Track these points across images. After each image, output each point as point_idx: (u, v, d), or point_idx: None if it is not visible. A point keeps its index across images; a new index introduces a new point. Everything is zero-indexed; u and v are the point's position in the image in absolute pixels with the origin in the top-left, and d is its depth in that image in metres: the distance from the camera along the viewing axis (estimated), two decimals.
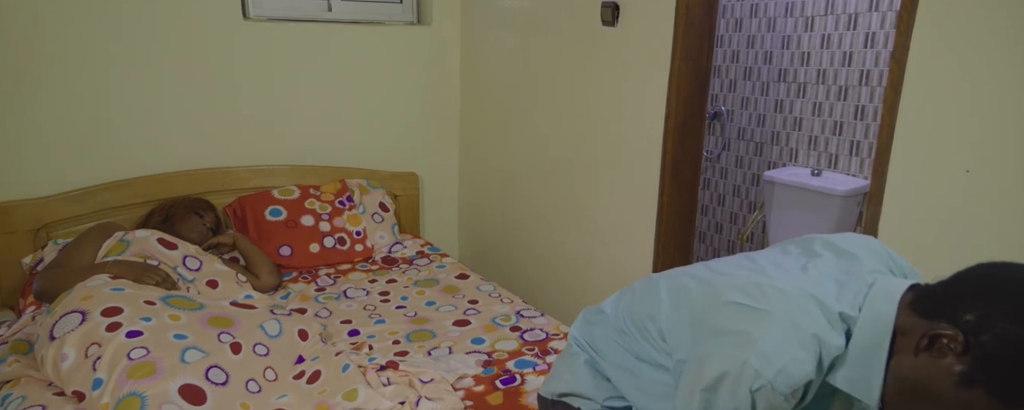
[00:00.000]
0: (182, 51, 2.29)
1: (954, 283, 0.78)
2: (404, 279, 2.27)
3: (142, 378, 1.35)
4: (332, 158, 2.64)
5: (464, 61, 2.78)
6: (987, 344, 0.71)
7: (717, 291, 0.90)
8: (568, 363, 1.14)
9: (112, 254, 1.87)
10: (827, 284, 0.86)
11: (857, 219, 2.58)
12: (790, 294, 0.83)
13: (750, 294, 0.85)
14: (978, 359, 0.72)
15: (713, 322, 0.87)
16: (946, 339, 0.73)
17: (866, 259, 0.90)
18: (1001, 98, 1.20)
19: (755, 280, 0.88)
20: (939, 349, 0.74)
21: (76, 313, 1.49)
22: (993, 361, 0.71)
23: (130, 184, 2.27)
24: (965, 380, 0.72)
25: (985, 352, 0.71)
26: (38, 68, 2.10)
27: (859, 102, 2.56)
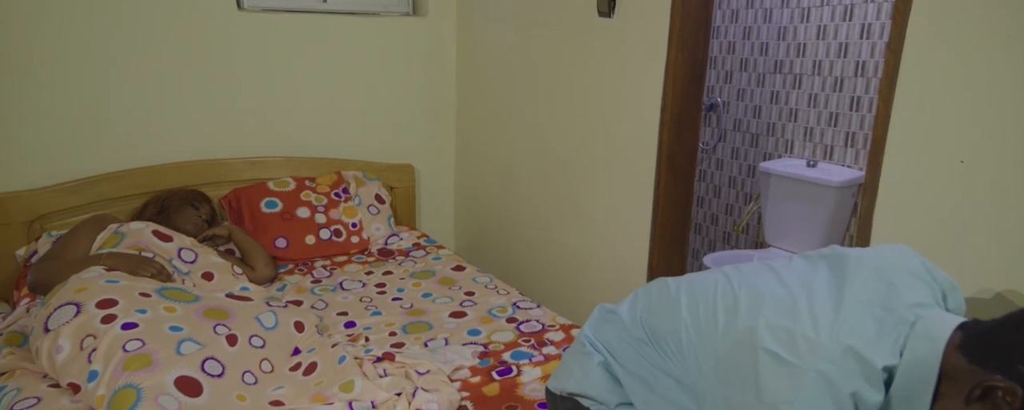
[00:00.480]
0: (177, 42, 2.28)
1: (1009, 328, 0.74)
2: (400, 271, 2.27)
3: (138, 370, 1.35)
4: (328, 150, 2.63)
5: (460, 52, 2.77)
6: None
7: (747, 330, 0.84)
8: (580, 362, 1.10)
9: (107, 246, 1.86)
10: (865, 325, 0.79)
11: (852, 210, 2.59)
12: (825, 347, 0.77)
13: (783, 342, 0.79)
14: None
15: (741, 367, 0.82)
16: (1002, 392, 0.70)
17: (905, 288, 0.84)
18: (996, 89, 1.20)
19: (787, 325, 0.82)
20: (994, 402, 0.71)
21: (71, 305, 1.49)
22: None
23: (125, 176, 2.26)
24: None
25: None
26: (34, 60, 2.09)
27: (855, 93, 2.56)
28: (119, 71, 2.22)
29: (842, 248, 0.96)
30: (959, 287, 0.94)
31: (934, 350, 0.76)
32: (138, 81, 2.26)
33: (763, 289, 0.90)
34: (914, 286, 0.85)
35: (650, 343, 1.00)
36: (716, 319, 0.90)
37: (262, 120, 2.49)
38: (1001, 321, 0.75)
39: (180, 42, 2.29)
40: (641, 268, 2.02)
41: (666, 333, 0.97)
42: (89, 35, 2.15)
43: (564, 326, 1.84)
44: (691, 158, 1.95)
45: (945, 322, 0.78)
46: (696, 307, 0.95)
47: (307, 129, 2.58)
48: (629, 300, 1.10)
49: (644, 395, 1.01)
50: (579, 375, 1.09)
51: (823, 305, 0.83)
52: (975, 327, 0.77)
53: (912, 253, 0.93)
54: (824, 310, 0.82)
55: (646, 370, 1.01)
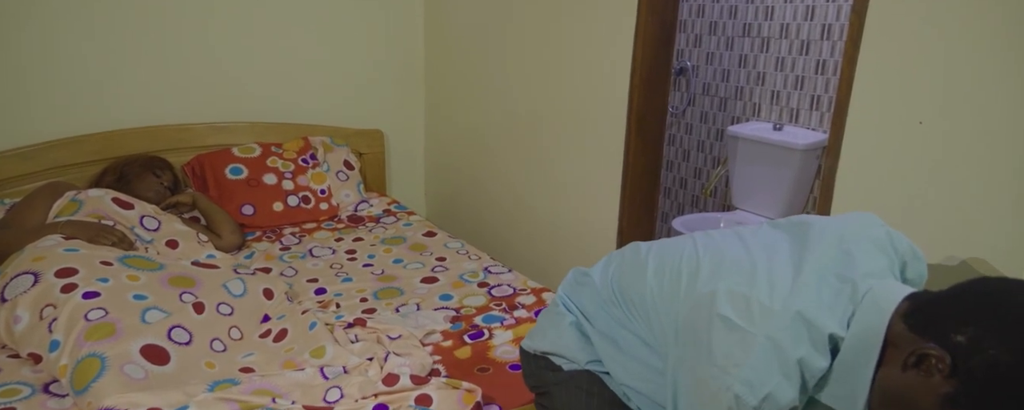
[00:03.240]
0: (135, 2, 2.18)
1: (950, 299, 0.77)
2: (371, 237, 2.25)
3: (101, 339, 1.33)
4: (294, 115, 2.57)
5: (428, 14, 2.71)
6: (975, 369, 0.70)
7: (706, 294, 0.87)
8: (554, 322, 1.13)
9: (64, 214, 1.81)
10: (819, 293, 0.83)
11: (816, 172, 2.64)
12: (777, 314, 0.81)
13: (738, 308, 0.83)
14: (964, 383, 0.71)
15: (697, 330, 0.86)
16: (934, 359, 0.73)
17: (862, 257, 0.87)
18: (955, 51, 1.22)
19: (744, 291, 0.84)
20: (926, 368, 0.74)
21: (28, 274, 1.45)
22: (979, 386, 0.70)
23: (82, 141, 2.18)
24: (949, 402, 0.72)
25: (972, 377, 0.71)
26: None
27: (820, 56, 2.59)
28: (73, 31, 2.12)
29: (809, 217, 0.98)
30: (923, 257, 0.96)
31: (880, 320, 0.79)
32: (94, 41, 2.16)
33: (727, 255, 0.93)
34: (872, 255, 0.88)
35: (619, 305, 1.03)
36: (679, 284, 0.93)
37: (226, 84, 2.41)
38: (944, 292, 0.78)
39: (138, 2, 2.19)
40: (611, 231, 2.04)
41: (634, 296, 1.00)
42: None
43: (535, 290, 1.86)
44: (660, 122, 1.96)
45: (894, 292, 0.81)
46: (662, 272, 0.97)
47: (273, 94, 2.52)
48: (602, 263, 1.12)
49: (613, 354, 1.03)
50: (553, 335, 1.12)
51: (782, 272, 0.86)
52: (921, 297, 0.80)
53: (878, 222, 0.95)
54: (782, 277, 0.85)
55: (615, 331, 1.03)
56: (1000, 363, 0.69)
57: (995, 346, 0.69)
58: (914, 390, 0.75)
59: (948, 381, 0.72)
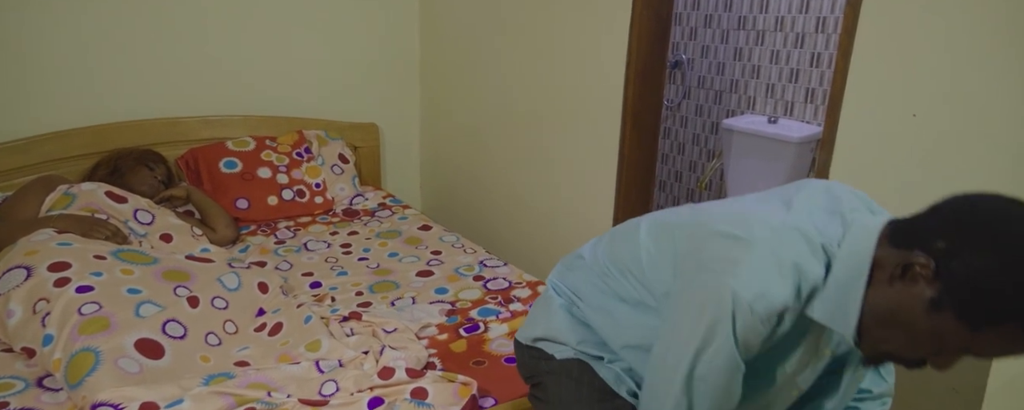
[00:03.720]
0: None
1: (929, 214, 0.80)
2: (366, 231, 2.25)
3: (95, 333, 1.32)
4: (288, 108, 2.56)
5: (423, 6, 2.70)
6: (956, 270, 0.73)
7: (702, 223, 0.91)
8: (544, 307, 1.15)
9: (57, 208, 1.80)
10: (811, 217, 0.87)
11: (810, 165, 2.65)
12: (774, 225, 0.85)
13: (734, 223, 0.86)
14: (947, 284, 0.74)
15: (697, 254, 0.88)
16: (918, 267, 0.76)
17: (847, 197, 0.92)
18: (950, 43, 1.22)
19: (740, 211, 0.89)
20: (912, 277, 0.77)
21: (20, 268, 1.44)
22: (961, 285, 0.73)
23: (75, 135, 2.16)
24: (934, 305, 0.75)
25: (954, 277, 0.74)
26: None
27: (815, 49, 2.59)
28: (66, 23, 2.10)
29: (800, 181, 1.03)
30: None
31: (867, 241, 0.82)
32: (87, 34, 2.14)
33: (719, 204, 0.98)
34: (855, 200, 0.93)
35: (611, 274, 1.04)
36: (673, 233, 0.95)
37: (220, 77, 2.40)
38: (922, 211, 0.82)
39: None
40: (606, 224, 2.04)
41: (626, 258, 1.02)
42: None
43: (530, 283, 1.86)
44: (656, 115, 1.96)
45: (879, 219, 0.85)
46: (655, 229, 1.00)
47: (267, 87, 2.50)
48: (593, 241, 1.14)
49: (610, 325, 1.05)
50: (544, 321, 1.14)
51: (775, 210, 0.91)
52: (902, 220, 0.83)
53: (860, 191, 1.01)
54: (776, 212, 0.90)
55: (607, 302, 1.05)
56: (979, 262, 0.72)
57: (973, 247, 0.73)
58: (902, 301, 0.78)
59: (932, 285, 0.75)
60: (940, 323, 0.75)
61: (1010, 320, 0.72)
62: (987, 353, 0.77)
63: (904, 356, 0.82)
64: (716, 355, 0.84)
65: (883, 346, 0.82)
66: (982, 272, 0.72)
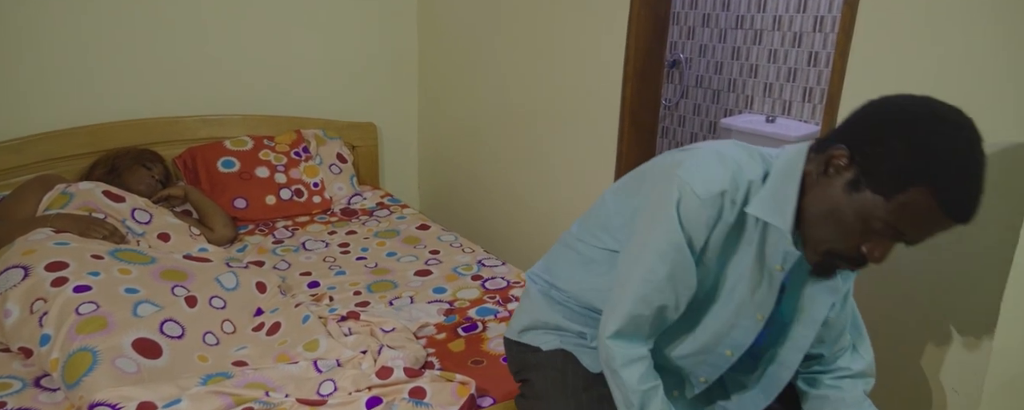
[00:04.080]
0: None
1: (843, 121, 0.91)
2: (364, 230, 2.25)
3: (92, 333, 1.32)
4: (286, 108, 2.56)
5: (421, 6, 2.70)
6: (867, 150, 0.85)
7: (656, 162, 1.03)
8: (524, 299, 1.22)
9: (54, 207, 1.79)
10: (748, 148, 1.00)
11: None
12: (718, 141, 0.99)
13: (684, 148, 1.01)
14: (861, 164, 0.85)
15: (652, 177, 1.01)
16: (836, 156, 0.87)
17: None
18: (947, 42, 1.22)
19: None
20: (835, 168, 0.88)
21: (18, 268, 1.44)
22: (870, 160, 0.84)
23: (72, 134, 2.16)
24: (853, 186, 0.86)
25: (865, 156, 0.85)
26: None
27: (813, 48, 2.59)
28: (63, 21, 2.10)
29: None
30: None
31: (799, 153, 0.93)
32: (84, 33, 2.14)
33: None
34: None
35: (583, 239, 1.13)
36: (633, 179, 1.08)
37: (218, 76, 2.40)
38: (839, 124, 0.92)
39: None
40: None
41: (597, 221, 1.11)
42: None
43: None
44: (654, 114, 1.96)
45: (807, 143, 0.96)
46: (617, 188, 1.11)
47: (265, 86, 2.50)
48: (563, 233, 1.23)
49: (585, 292, 1.12)
50: (525, 310, 1.20)
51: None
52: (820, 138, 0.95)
53: None
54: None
55: (579, 271, 1.13)
56: (884, 138, 0.84)
57: (880, 129, 0.85)
58: (828, 193, 0.89)
59: (849, 170, 0.87)
60: (861, 202, 0.85)
61: (915, 183, 0.82)
62: (908, 227, 0.85)
63: (841, 250, 0.90)
64: (666, 238, 0.94)
65: (821, 246, 0.91)
66: (887, 145, 0.83)
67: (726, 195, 0.92)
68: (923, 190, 0.82)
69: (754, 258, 0.97)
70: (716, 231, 0.94)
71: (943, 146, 0.82)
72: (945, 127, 0.83)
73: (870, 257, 0.88)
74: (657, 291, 0.96)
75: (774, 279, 0.98)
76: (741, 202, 0.93)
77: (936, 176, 0.81)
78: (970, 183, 0.83)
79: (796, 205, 0.91)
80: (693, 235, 0.94)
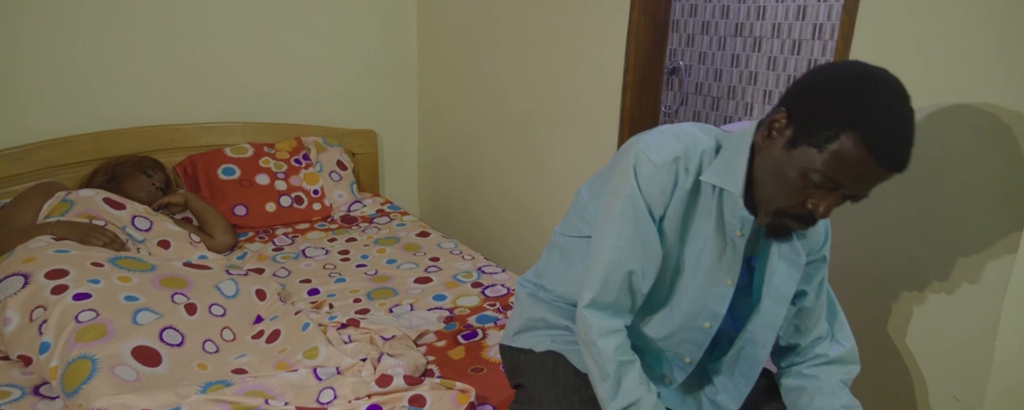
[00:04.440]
0: (127, 2, 2.17)
1: (787, 88, 0.97)
2: (364, 238, 2.25)
3: (92, 341, 1.32)
4: (287, 115, 2.56)
5: (421, 13, 2.71)
6: (801, 109, 0.92)
7: (620, 150, 1.10)
8: (516, 305, 1.28)
9: (55, 214, 1.79)
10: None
11: None
12: (678, 123, 1.07)
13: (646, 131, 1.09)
14: (797, 124, 0.92)
15: (616, 162, 1.07)
16: (776, 119, 0.95)
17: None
18: (946, 50, 1.22)
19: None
20: (776, 130, 0.95)
21: (18, 276, 1.44)
22: (804, 116, 0.91)
23: (72, 142, 2.16)
24: (792, 143, 0.92)
25: (800, 115, 0.92)
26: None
27: (812, 56, 2.60)
28: (63, 30, 2.11)
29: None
30: None
31: (749, 128, 1.01)
32: (84, 41, 2.15)
33: None
34: None
35: (565, 234, 1.19)
36: (603, 170, 1.14)
37: (219, 84, 2.40)
38: None
39: (131, 2, 2.18)
40: None
41: (576, 215, 1.17)
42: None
43: None
44: (653, 121, 1.96)
45: (757, 119, 1.04)
46: (592, 178, 1.16)
47: (266, 94, 2.51)
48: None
49: (572, 286, 1.17)
50: (516, 314, 1.26)
51: None
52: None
53: None
54: None
55: (563, 268, 1.19)
56: (819, 100, 0.90)
57: (812, 91, 0.92)
58: (771, 152, 0.95)
59: (788, 129, 0.93)
60: (799, 157, 0.91)
61: (843, 130, 0.87)
62: (844, 176, 0.89)
63: (788, 207, 0.95)
64: (628, 202, 1.01)
65: (771, 206, 0.97)
66: (818, 101, 0.90)
67: (679, 161, 1.00)
68: (851, 135, 0.87)
69: (714, 227, 1.03)
70: (674, 198, 1.01)
71: (867, 95, 0.88)
72: (870, 81, 0.89)
73: (815, 212, 0.93)
74: (625, 255, 1.02)
75: (737, 245, 1.03)
76: (695, 170, 1.01)
77: (862, 122, 0.87)
78: (896, 128, 0.87)
79: (747, 171, 0.98)
80: (652, 201, 1.01)
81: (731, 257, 1.04)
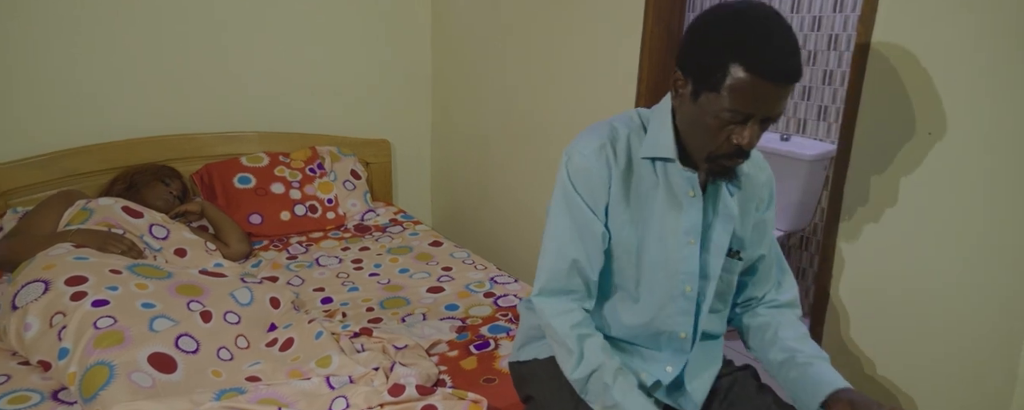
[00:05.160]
0: (146, 11, 2.21)
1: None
2: (377, 247, 2.26)
3: (110, 347, 1.33)
4: (302, 125, 2.59)
5: (435, 25, 2.73)
6: (691, 62, 1.00)
7: None
8: (520, 322, 1.32)
9: (75, 222, 1.82)
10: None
11: (824, 183, 2.63)
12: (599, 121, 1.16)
13: None
14: (692, 77, 1.00)
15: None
16: (676, 79, 1.03)
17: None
18: (964, 61, 1.22)
19: None
20: (679, 89, 1.03)
21: (38, 282, 1.46)
22: (696, 70, 0.99)
23: (92, 150, 2.20)
24: (695, 95, 1.00)
25: (691, 69, 1.00)
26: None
27: (827, 66, 2.58)
28: (85, 43, 2.15)
29: None
30: None
31: (666, 99, 1.10)
32: (105, 53, 2.19)
33: None
34: None
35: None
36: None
37: (235, 94, 2.44)
38: None
39: (151, 12, 2.22)
40: None
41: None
42: (55, 4, 2.07)
43: None
44: None
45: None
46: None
47: (281, 103, 2.54)
48: None
49: None
50: (519, 330, 1.30)
51: None
52: None
53: None
54: None
55: None
56: (697, 47, 0.99)
57: (693, 41, 1.00)
58: (684, 109, 1.04)
59: (687, 84, 1.01)
60: (704, 103, 0.98)
61: (726, 65, 0.94)
62: (747, 105, 0.95)
63: (716, 149, 1.02)
64: (561, 196, 1.10)
65: (702, 153, 1.04)
66: (699, 50, 0.98)
67: (604, 147, 1.09)
68: (736, 68, 0.93)
69: (666, 196, 1.10)
70: (613, 183, 1.09)
71: (736, 27, 0.95)
72: (734, 15, 0.96)
73: (741, 144, 0.99)
74: (565, 244, 1.10)
75: (693, 205, 1.10)
76: (624, 152, 1.10)
77: (739, 52, 0.93)
78: (772, 45, 0.93)
79: (674, 136, 1.07)
80: (586, 191, 1.09)
81: (691, 218, 1.10)
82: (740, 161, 1.04)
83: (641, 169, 1.11)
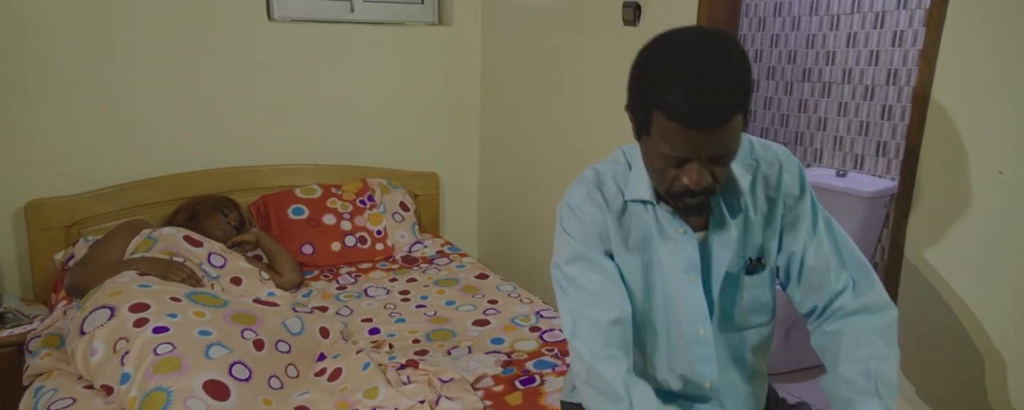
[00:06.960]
0: (208, 52, 2.33)
1: None
2: (424, 278, 2.28)
3: (168, 373, 1.37)
4: (354, 158, 2.66)
5: (485, 62, 2.79)
6: (629, 104, 0.97)
7: None
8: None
9: (139, 251, 1.90)
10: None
11: (884, 220, 2.53)
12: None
13: None
14: (632, 118, 0.97)
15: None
16: (631, 120, 0.98)
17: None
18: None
19: None
20: (633, 129, 0.98)
21: (105, 308, 1.52)
22: (632, 113, 0.96)
23: (157, 182, 2.31)
24: (637, 137, 0.98)
25: (630, 110, 0.97)
26: (69, 69, 2.15)
27: (886, 102, 2.52)
28: (152, 81, 2.28)
29: None
30: None
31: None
32: (170, 91, 2.31)
33: None
34: None
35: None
36: None
37: (290, 128, 2.53)
38: None
39: (212, 52, 2.34)
40: None
41: None
42: (122, 43, 2.21)
43: None
44: None
45: None
46: None
47: (334, 137, 2.61)
48: None
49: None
50: (570, 369, 1.22)
51: None
52: None
53: None
54: None
55: None
56: (631, 93, 0.95)
57: (629, 84, 0.96)
58: (639, 150, 1.01)
59: (632, 117, 0.97)
60: (647, 145, 0.96)
61: (647, 112, 0.91)
62: (678, 149, 0.91)
63: (671, 189, 0.97)
64: (569, 251, 1.08)
65: (663, 191, 1.00)
66: (630, 93, 0.96)
67: (592, 194, 1.07)
68: (656, 115, 0.90)
69: (658, 236, 1.06)
70: (610, 227, 1.06)
71: (654, 71, 0.90)
72: (654, 55, 0.91)
73: (689, 184, 0.94)
74: (590, 307, 1.05)
75: (687, 242, 1.05)
76: (614, 193, 1.07)
77: (656, 101, 0.89)
78: (690, 92, 0.85)
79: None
80: (588, 236, 1.07)
81: (687, 255, 1.05)
82: (700, 198, 0.97)
83: (634, 209, 1.07)
